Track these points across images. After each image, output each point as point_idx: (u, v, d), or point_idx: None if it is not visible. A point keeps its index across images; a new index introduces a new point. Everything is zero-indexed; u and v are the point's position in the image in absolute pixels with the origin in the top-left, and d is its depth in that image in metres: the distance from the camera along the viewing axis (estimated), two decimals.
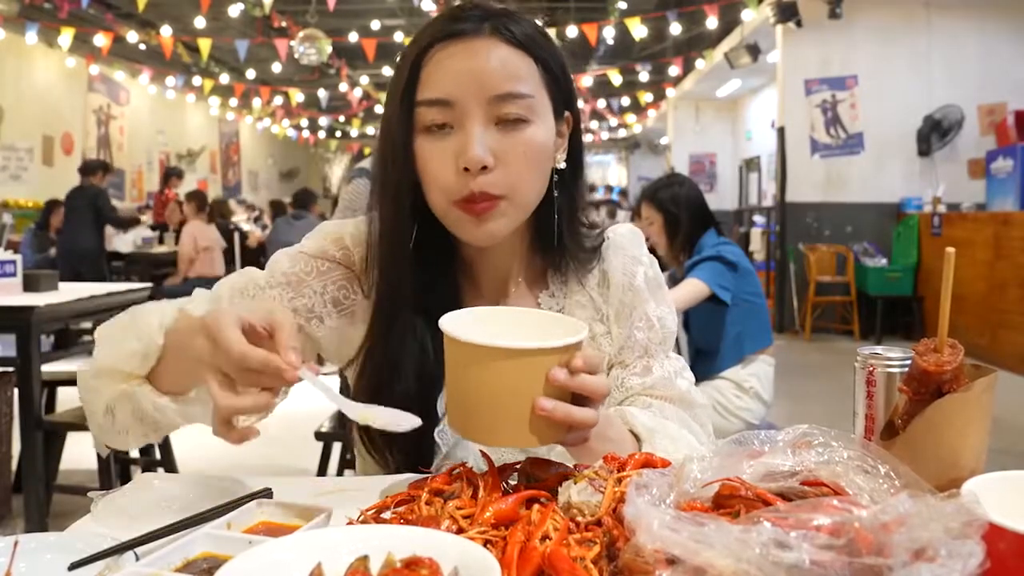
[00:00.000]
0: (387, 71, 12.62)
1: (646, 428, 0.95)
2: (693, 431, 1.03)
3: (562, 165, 1.00)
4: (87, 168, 7.58)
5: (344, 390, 0.99)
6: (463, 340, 0.73)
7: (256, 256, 8.34)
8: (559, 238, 1.02)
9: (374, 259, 1.01)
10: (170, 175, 10.51)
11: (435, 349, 0.98)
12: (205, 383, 0.74)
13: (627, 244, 1.12)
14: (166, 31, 9.56)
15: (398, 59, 0.98)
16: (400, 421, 0.75)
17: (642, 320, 1.09)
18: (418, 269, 0.99)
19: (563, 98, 0.98)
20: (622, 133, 19.69)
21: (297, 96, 13.01)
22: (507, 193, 0.93)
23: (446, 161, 0.91)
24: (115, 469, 3.12)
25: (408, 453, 1.00)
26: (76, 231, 7.15)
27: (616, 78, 11.26)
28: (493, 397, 0.74)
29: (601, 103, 13.86)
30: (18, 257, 3.23)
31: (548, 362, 0.74)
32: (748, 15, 8.68)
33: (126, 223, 8.03)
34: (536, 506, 0.70)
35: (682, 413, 1.05)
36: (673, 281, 3.17)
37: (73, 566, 0.64)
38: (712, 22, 8.81)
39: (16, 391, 2.82)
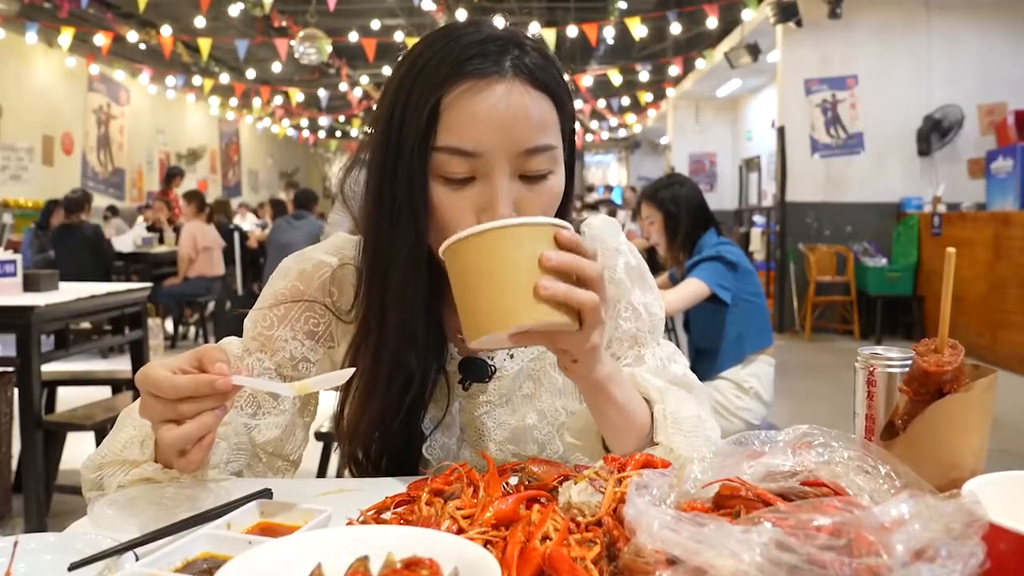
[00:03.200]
0: (387, 71, 12.62)
1: (657, 389, 0.95)
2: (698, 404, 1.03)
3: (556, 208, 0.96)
4: (73, 204, 6.90)
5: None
6: (456, 238, 0.76)
7: (256, 256, 8.34)
8: None
9: (373, 297, 0.95)
10: (174, 175, 10.53)
11: (420, 370, 0.97)
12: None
13: (603, 235, 1.08)
14: (166, 31, 9.56)
15: (403, 80, 0.89)
16: (337, 379, 0.81)
17: (628, 310, 1.07)
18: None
19: (569, 129, 0.95)
20: (622, 133, 19.70)
21: (297, 96, 13.01)
22: None
23: (465, 211, 0.87)
24: None
25: (395, 472, 1.00)
26: (75, 272, 6.10)
27: (616, 78, 11.26)
28: (497, 279, 0.75)
29: (601, 103, 13.87)
30: (18, 257, 3.24)
31: (541, 236, 0.76)
32: (748, 15, 8.68)
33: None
34: (536, 506, 0.70)
35: (682, 390, 1.03)
36: (673, 281, 3.18)
37: (73, 566, 0.64)
38: (712, 22, 8.81)
39: (16, 391, 2.83)
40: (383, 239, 0.92)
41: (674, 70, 11.34)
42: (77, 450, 3.32)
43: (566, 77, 0.95)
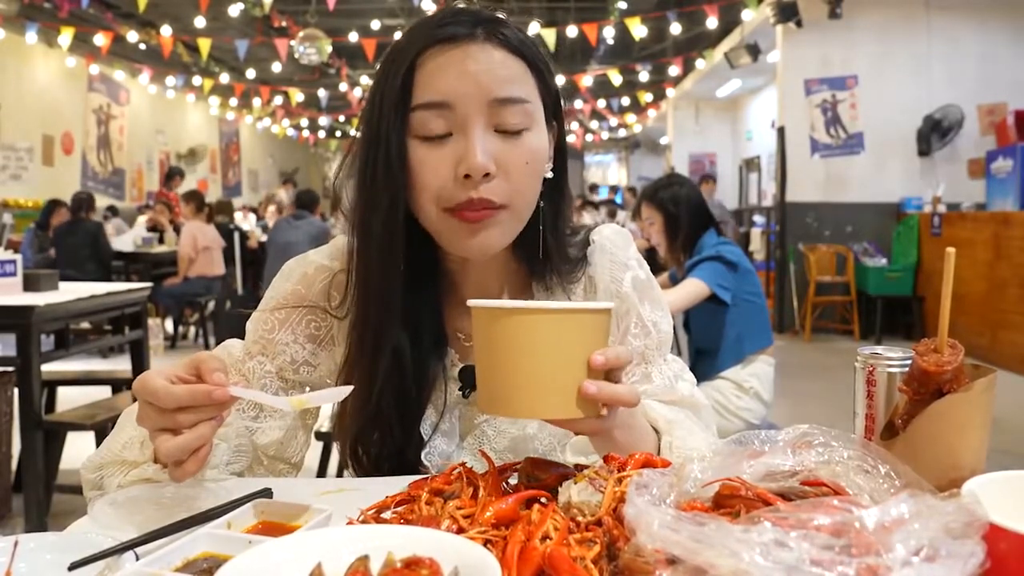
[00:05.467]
0: None
1: (666, 420, 0.95)
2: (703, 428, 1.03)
3: (549, 174, 0.96)
4: (79, 203, 7.11)
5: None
6: (504, 307, 0.73)
7: (256, 255, 8.33)
8: (544, 250, 0.99)
9: (359, 278, 0.96)
10: (174, 174, 10.57)
11: (416, 371, 0.97)
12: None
13: (612, 247, 1.07)
14: (166, 31, 9.56)
15: (384, 63, 0.93)
16: (335, 396, 0.80)
17: (637, 327, 1.06)
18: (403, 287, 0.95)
19: (552, 105, 0.96)
20: (622, 133, 19.69)
21: (297, 96, 13.01)
22: (508, 202, 0.90)
23: (443, 168, 0.88)
24: None
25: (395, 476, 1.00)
26: (76, 269, 6.38)
27: (616, 78, 11.26)
28: (533, 362, 0.73)
29: (601, 103, 13.87)
30: (18, 257, 3.23)
31: (586, 322, 0.74)
32: (748, 15, 8.68)
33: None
34: (536, 506, 0.70)
35: (689, 413, 1.04)
36: (673, 281, 3.18)
37: (73, 566, 0.64)
38: (712, 22, 8.81)
39: (16, 391, 2.83)
40: (366, 209, 0.93)
41: (674, 70, 11.34)
42: (77, 450, 3.32)
43: (559, 82, 0.96)
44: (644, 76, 11.94)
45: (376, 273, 0.93)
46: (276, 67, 11.69)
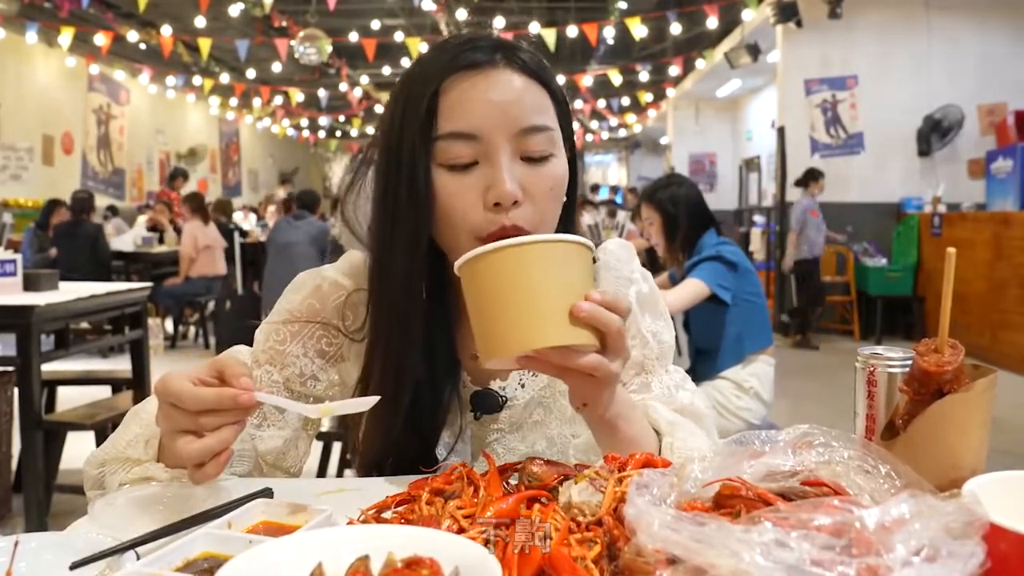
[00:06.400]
0: (387, 71, 12.62)
1: (667, 421, 0.95)
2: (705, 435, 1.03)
3: (563, 198, 0.97)
4: (80, 204, 7.14)
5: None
6: (489, 247, 0.75)
7: (256, 255, 8.32)
8: None
9: (379, 304, 0.97)
10: (177, 175, 10.58)
11: (432, 395, 0.98)
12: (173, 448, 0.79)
13: (617, 263, 1.09)
14: (166, 31, 9.56)
15: (402, 90, 0.93)
16: (361, 405, 0.81)
17: (635, 337, 1.07)
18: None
19: (567, 129, 0.96)
20: (622, 133, 19.69)
21: (297, 96, 13.01)
22: (535, 228, 0.90)
23: (470, 196, 0.88)
24: None
25: None
26: (76, 270, 6.27)
27: (616, 78, 11.26)
28: (524, 293, 0.74)
29: (601, 103, 13.86)
30: (18, 257, 3.23)
31: (570, 251, 0.76)
32: (748, 15, 8.68)
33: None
34: (537, 506, 0.70)
35: (689, 420, 1.04)
36: (673, 281, 3.18)
37: (74, 566, 0.64)
38: (712, 22, 8.81)
39: (16, 391, 2.83)
40: (387, 238, 0.93)
41: (674, 70, 11.34)
42: (77, 450, 3.32)
43: (559, 82, 0.96)
44: (644, 76, 11.94)
45: (397, 301, 0.94)
46: (276, 67, 11.69)
